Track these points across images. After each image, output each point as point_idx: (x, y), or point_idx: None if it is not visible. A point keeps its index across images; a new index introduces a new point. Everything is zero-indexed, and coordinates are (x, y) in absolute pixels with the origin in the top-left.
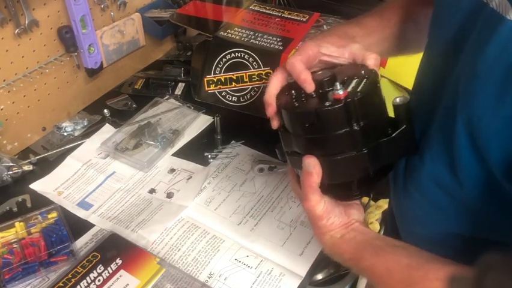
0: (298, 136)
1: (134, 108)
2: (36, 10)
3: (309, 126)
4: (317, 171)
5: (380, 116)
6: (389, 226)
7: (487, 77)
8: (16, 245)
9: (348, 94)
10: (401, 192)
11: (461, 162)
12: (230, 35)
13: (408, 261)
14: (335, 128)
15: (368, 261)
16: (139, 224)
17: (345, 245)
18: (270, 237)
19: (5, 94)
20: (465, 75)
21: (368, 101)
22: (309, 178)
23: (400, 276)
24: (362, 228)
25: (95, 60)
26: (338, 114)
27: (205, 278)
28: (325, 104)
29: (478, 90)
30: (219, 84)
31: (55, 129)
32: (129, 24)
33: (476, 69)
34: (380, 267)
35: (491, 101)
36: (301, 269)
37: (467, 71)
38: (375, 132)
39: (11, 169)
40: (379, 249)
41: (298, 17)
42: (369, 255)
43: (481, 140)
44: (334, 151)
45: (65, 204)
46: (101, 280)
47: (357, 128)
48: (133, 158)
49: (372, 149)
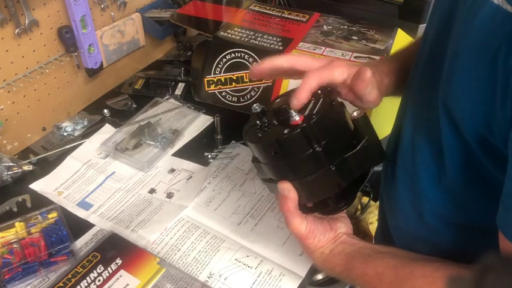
0: (268, 164)
1: (134, 108)
2: (36, 10)
3: (275, 155)
4: (292, 195)
5: (341, 132)
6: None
7: (465, 55)
8: (16, 245)
9: (304, 119)
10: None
11: (444, 145)
12: (230, 35)
13: (395, 262)
14: (298, 152)
15: (359, 270)
16: (139, 224)
17: (335, 258)
18: (270, 237)
19: (5, 94)
20: (448, 59)
21: (325, 121)
22: (286, 203)
23: (389, 278)
24: (349, 240)
25: (95, 60)
26: (297, 140)
27: (205, 278)
28: (284, 132)
29: (457, 70)
30: (219, 84)
31: (55, 129)
32: (129, 24)
33: (457, 49)
34: (371, 273)
35: (467, 77)
36: (301, 269)
37: (450, 53)
38: (339, 148)
39: (11, 169)
40: (368, 256)
41: (298, 17)
42: (359, 264)
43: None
44: (304, 173)
45: (65, 204)
46: (101, 280)
47: (319, 149)
48: (133, 158)
49: (339, 164)
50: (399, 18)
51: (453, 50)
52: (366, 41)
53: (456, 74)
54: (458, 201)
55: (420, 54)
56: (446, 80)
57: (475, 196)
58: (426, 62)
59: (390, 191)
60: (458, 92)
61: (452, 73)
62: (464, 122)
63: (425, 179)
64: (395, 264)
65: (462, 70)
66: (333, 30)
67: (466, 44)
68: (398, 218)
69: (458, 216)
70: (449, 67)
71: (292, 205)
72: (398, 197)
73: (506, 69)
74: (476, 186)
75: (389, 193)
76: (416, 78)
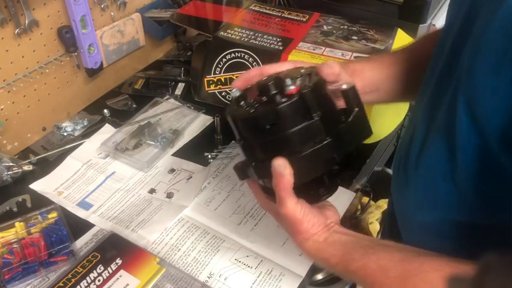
0: (261, 141)
1: (134, 108)
2: (36, 10)
3: (271, 128)
4: (289, 171)
5: (333, 105)
6: (387, 226)
7: (487, 51)
8: (16, 245)
9: (299, 88)
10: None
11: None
12: (230, 35)
13: (401, 256)
14: (296, 122)
15: (359, 262)
16: (139, 224)
17: (331, 248)
18: (270, 237)
19: (5, 94)
20: (469, 55)
21: (319, 93)
22: (282, 180)
23: (395, 272)
24: (343, 230)
25: (95, 60)
26: (297, 107)
27: (205, 278)
28: (281, 101)
29: (479, 66)
30: (219, 84)
31: (55, 129)
32: (129, 24)
33: (479, 45)
34: (373, 266)
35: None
36: (301, 269)
37: (471, 50)
38: (333, 121)
39: (11, 169)
40: (368, 248)
41: (298, 17)
42: (359, 255)
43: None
44: (300, 147)
45: (65, 204)
46: (101, 280)
47: (317, 118)
48: (133, 158)
49: (335, 136)
50: (399, 18)
51: (475, 45)
52: (366, 41)
53: (479, 71)
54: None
55: (439, 52)
56: (468, 77)
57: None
58: (446, 59)
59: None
60: (482, 90)
61: (475, 70)
62: (489, 123)
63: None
64: (402, 258)
65: (485, 66)
66: (333, 30)
67: (488, 38)
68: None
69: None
70: (471, 63)
71: (289, 183)
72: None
73: None
74: (489, 184)
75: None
76: (434, 76)
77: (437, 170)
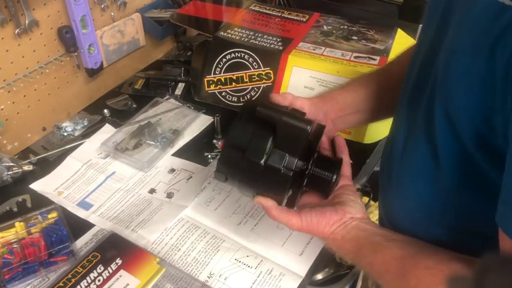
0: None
1: (134, 108)
2: (36, 10)
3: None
4: (270, 203)
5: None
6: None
7: (461, 53)
8: (16, 245)
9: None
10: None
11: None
12: (230, 35)
13: (402, 253)
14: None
15: (368, 258)
16: (139, 224)
17: (347, 245)
18: (270, 237)
19: (5, 94)
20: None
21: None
22: (270, 212)
23: (395, 268)
24: (361, 225)
25: (95, 60)
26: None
27: (205, 278)
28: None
29: (453, 69)
30: (219, 84)
31: (55, 129)
32: (129, 24)
33: (454, 48)
34: (379, 262)
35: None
36: (301, 269)
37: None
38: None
39: (11, 169)
40: (378, 245)
41: (298, 17)
42: (368, 252)
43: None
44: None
45: (65, 204)
46: (101, 280)
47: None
48: (133, 158)
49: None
50: (399, 18)
51: (449, 49)
52: (366, 41)
53: (453, 73)
54: (453, 204)
55: (415, 57)
56: (443, 80)
57: (470, 198)
58: (422, 64)
59: (387, 192)
60: (455, 91)
61: (449, 73)
62: (462, 122)
63: (419, 181)
64: (402, 255)
65: (459, 68)
66: (333, 30)
67: (462, 41)
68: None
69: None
70: (446, 67)
71: (276, 210)
72: (394, 198)
73: (504, 62)
74: (471, 188)
75: (386, 194)
76: (411, 82)
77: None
